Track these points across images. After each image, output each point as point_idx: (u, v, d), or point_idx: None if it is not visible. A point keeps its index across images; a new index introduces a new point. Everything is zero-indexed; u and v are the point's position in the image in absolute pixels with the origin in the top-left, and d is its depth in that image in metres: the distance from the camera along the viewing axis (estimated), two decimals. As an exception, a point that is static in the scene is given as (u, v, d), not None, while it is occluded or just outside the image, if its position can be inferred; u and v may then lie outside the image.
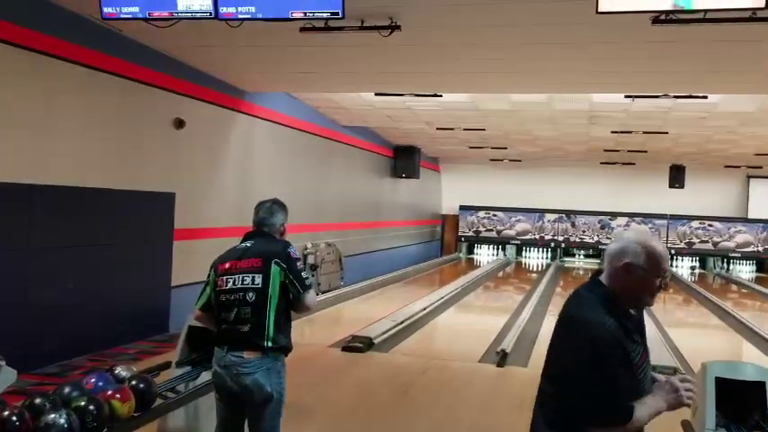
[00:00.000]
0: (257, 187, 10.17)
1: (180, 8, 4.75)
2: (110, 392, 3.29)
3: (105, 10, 4.91)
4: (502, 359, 7.17)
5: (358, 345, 7.43)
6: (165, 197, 7.91)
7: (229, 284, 3.22)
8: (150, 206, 7.68)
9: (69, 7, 6.11)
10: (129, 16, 4.89)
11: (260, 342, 3.14)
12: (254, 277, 3.19)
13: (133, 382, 3.46)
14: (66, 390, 3.25)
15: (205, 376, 3.93)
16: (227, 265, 3.28)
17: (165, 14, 4.81)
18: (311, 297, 3.35)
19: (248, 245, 3.35)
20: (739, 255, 20.40)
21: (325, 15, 4.60)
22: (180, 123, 8.02)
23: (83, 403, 3.10)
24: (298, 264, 3.32)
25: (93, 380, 3.45)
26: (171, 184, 8.00)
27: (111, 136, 7.03)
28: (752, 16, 4.30)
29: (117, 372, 3.63)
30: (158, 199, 7.80)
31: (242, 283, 3.20)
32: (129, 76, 7.18)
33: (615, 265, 2.16)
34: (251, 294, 3.17)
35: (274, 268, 3.20)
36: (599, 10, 4.15)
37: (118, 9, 4.88)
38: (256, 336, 3.14)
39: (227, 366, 3.19)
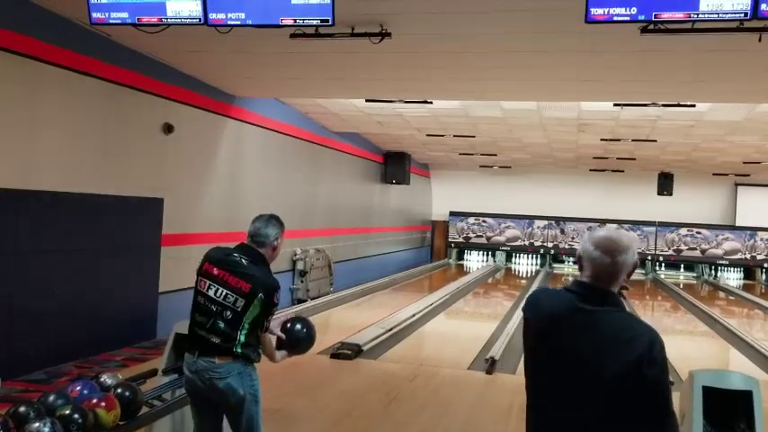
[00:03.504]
0: (247, 193, 10.16)
1: (169, 14, 4.73)
2: (95, 401, 3.26)
3: (94, 15, 4.89)
4: (491, 366, 7.17)
5: (346, 352, 7.40)
6: (154, 203, 7.87)
7: (211, 292, 3.26)
8: (138, 212, 7.64)
9: (57, 11, 6.08)
10: (119, 22, 4.87)
11: (230, 349, 3.20)
12: (237, 299, 3.23)
13: (119, 390, 3.44)
14: (51, 398, 3.22)
15: (192, 384, 3.91)
16: (215, 271, 3.30)
17: (155, 20, 4.79)
18: (268, 344, 3.42)
19: (243, 261, 3.34)
20: (727, 262, 20.54)
21: (315, 22, 4.60)
22: (169, 128, 7.99)
23: (67, 412, 3.07)
24: (272, 305, 3.33)
25: (78, 388, 3.42)
26: (159, 189, 7.96)
27: (98, 141, 6.99)
28: (739, 27, 4.33)
29: (102, 379, 3.60)
30: (146, 204, 7.76)
31: (224, 299, 3.24)
32: (117, 80, 7.14)
33: (627, 264, 2.13)
34: (228, 313, 3.22)
35: (258, 299, 3.24)
36: (588, 19, 4.17)
37: (107, 14, 4.86)
38: (226, 345, 3.21)
39: (198, 372, 3.23)
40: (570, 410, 2.12)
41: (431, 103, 10.26)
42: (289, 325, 3.63)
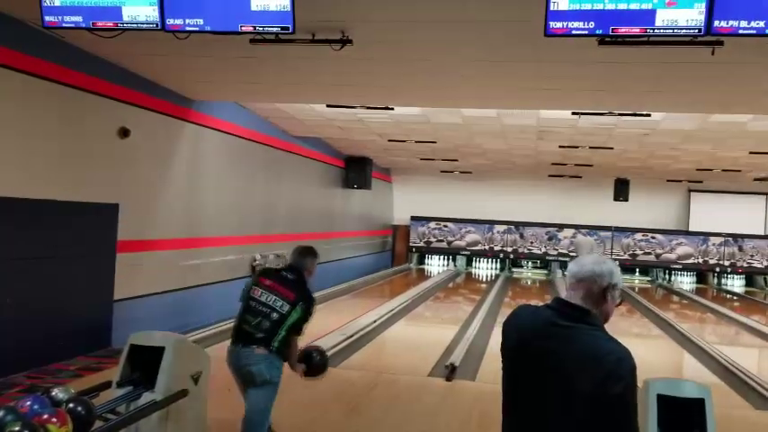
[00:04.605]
0: (206, 198, 10.02)
1: (125, 19, 4.63)
2: (45, 416, 3.16)
3: (47, 18, 4.76)
4: (451, 373, 7.20)
5: (307, 359, 7.34)
6: (108, 208, 7.71)
7: (263, 298, 4.13)
8: (92, 217, 7.47)
9: (9, 13, 5.91)
10: (72, 25, 4.75)
11: (269, 343, 4.07)
12: (283, 304, 4.09)
13: (71, 405, 3.34)
14: (0, 414, 3.11)
15: (147, 397, 3.83)
16: (267, 282, 4.19)
17: (110, 25, 4.68)
18: (294, 344, 4.27)
19: (290, 277, 4.24)
20: (680, 266, 21.04)
21: (275, 30, 4.56)
22: (125, 132, 7.82)
23: (17, 428, 2.97)
24: (309, 314, 4.23)
25: (28, 403, 3.31)
26: (115, 194, 7.80)
27: (52, 145, 6.81)
28: (692, 40, 4.44)
29: (54, 394, 3.50)
30: (101, 210, 7.59)
31: (272, 303, 4.10)
32: (71, 83, 6.98)
33: (599, 286, 2.23)
34: (275, 315, 4.09)
35: (300, 306, 4.13)
36: (547, 33, 4.22)
37: (60, 18, 4.73)
38: (267, 340, 4.07)
39: (237, 358, 4.14)
40: (541, 423, 2.19)
41: (392, 109, 10.28)
42: (308, 353, 4.47)
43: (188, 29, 4.64)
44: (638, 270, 21.94)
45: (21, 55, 6.27)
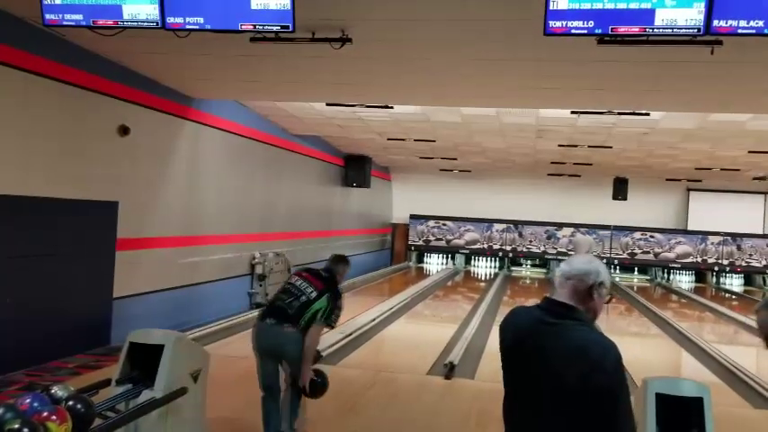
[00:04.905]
0: (205, 196, 10.03)
1: (125, 17, 4.64)
2: (45, 414, 3.16)
3: (47, 17, 4.76)
4: (449, 371, 7.21)
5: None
6: (108, 206, 7.71)
7: (297, 283, 4.81)
8: (92, 215, 7.47)
9: (10, 11, 5.91)
10: (73, 24, 4.75)
11: (297, 321, 4.61)
12: (312, 291, 4.73)
13: (70, 403, 3.34)
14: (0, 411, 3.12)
15: (147, 394, 3.83)
16: (304, 274, 4.94)
17: (110, 23, 4.69)
18: (318, 330, 4.71)
19: (323, 274, 4.95)
20: (679, 265, 21.06)
21: (275, 28, 4.56)
22: (125, 130, 7.83)
23: (17, 426, 2.97)
24: (335, 306, 4.81)
25: (27, 401, 3.31)
26: (115, 192, 7.81)
27: (52, 143, 6.82)
28: (692, 39, 4.45)
29: (53, 391, 3.50)
30: (101, 208, 7.59)
31: (304, 289, 4.75)
32: (71, 81, 6.98)
33: (585, 284, 2.32)
34: (303, 298, 4.70)
35: (326, 296, 4.73)
36: (546, 32, 4.22)
37: (60, 16, 4.73)
38: (295, 319, 4.61)
39: (267, 335, 4.66)
40: (536, 420, 2.27)
41: (391, 107, 10.28)
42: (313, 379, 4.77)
43: (188, 27, 4.64)
44: (636, 269, 21.97)
45: (21, 53, 6.27)
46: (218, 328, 9.00)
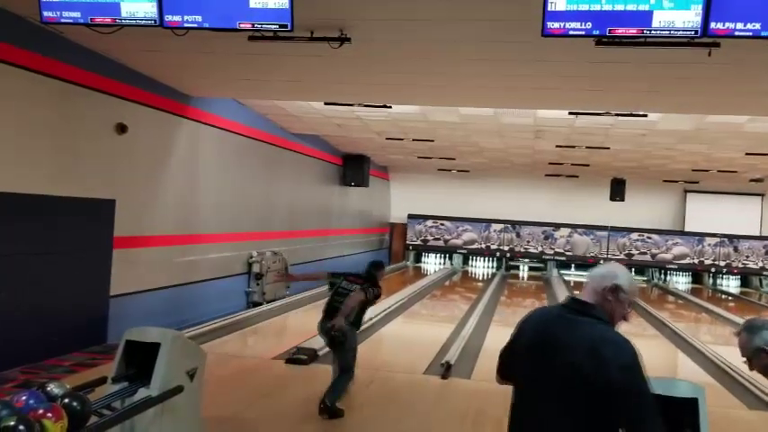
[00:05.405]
0: (203, 194, 10.02)
1: (123, 15, 4.63)
2: (41, 411, 3.16)
3: (45, 14, 4.76)
4: (446, 371, 7.22)
5: (302, 357, 7.36)
6: (105, 204, 7.71)
7: (346, 285, 6.01)
8: (89, 213, 7.47)
9: (8, 8, 5.90)
10: (71, 21, 4.75)
11: (345, 318, 5.72)
12: (356, 288, 5.91)
13: (66, 400, 3.34)
14: (-5, 409, 3.11)
15: (142, 392, 3.84)
16: (351, 278, 6.09)
17: (108, 20, 4.68)
18: (356, 297, 5.89)
19: (363, 275, 6.14)
20: (676, 266, 21.09)
21: (273, 27, 4.56)
22: (122, 128, 7.82)
23: (12, 423, 2.97)
24: (375, 287, 6.08)
25: (23, 398, 3.31)
26: (112, 190, 7.80)
27: (49, 141, 6.82)
28: (690, 41, 4.45)
29: (49, 389, 3.49)
30: (98, 206, 7.59)
31: (350, 289, 5.93)
32: (69, 79, 6.97)
33: (602, 286, 2.43)
34: (350, 293, 5.90)
35: (368, 291, 5.95)
36: (544, 33, 4.23)
37: (58, 13, 4.73)
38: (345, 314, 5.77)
39: (328, 328, 5.76)
40: (542, 406, 2.35)
41: (390, 107, 10.28)
42: None
43: (186, 25, 4.64)
44: (633, 270, 21.96)
45: (19, 50, 6.26)
46: (214, 326, 9.01)
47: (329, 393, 5.56)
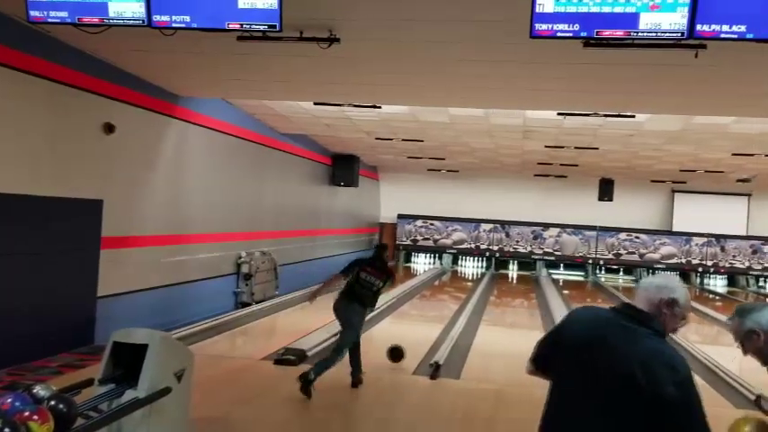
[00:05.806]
0: (191, 194, 9.98)
1: (111, 14, 4.61)
2: (27, 413, 3.15)
3: (32, 13, 4.72)
4: (435, 371, 7.23)
5: (290, 357, 7.35)
6: (93, 204, 7.66)
7: (367, 278, 6.65)
8: (76, 213, 7.42)
9: (-7, 6, 5.87)
10: (58, 21, 4.72)
11: (369, 304, 6.77)
12: (378, 281, 6.68)
13: (52, 402, 3.32)
14: (-20, 411, 3.09)
15: (130, 394, 3.82)
16: (369, 269, 6.72)
17: (96, 20, 4.66)
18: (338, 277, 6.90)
19: (378, 265, 6.85)
20: (664, 266, 21.21)
21: (262, 27, 4.55)
22: (110, 128, 7.78)
23: (-3, 426, 2.96)
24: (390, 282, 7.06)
25: (9, 400, 3.29)
26: (99, 190, 7.76)
27: (36, 140, 6.77)
28: (676, 43, 4.48)
29: (35, 391, 3.48)
30: (85, 206, 7.54)
31: (373, 282, 6.66)
32: (56, 78, 6.93)
33: (659, 297, 2.38)
34: (374, 288, 6.68)
35: (386, 283, 6.86)
36: (533, 34, 4.25)
37: (45, 13, 4.70)
38: (368, 303, 6.73)
39: (345, 309, 6.62)
40: (587, 412, 2.30)
41: (379, 107, 10.28)
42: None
43: (174, 26, 4.62)
44: (622, 269, 22.11)
45: (5, 49, 6.21)
46: (203, 327, 8.98)
47: (315, 367, 6.15)
